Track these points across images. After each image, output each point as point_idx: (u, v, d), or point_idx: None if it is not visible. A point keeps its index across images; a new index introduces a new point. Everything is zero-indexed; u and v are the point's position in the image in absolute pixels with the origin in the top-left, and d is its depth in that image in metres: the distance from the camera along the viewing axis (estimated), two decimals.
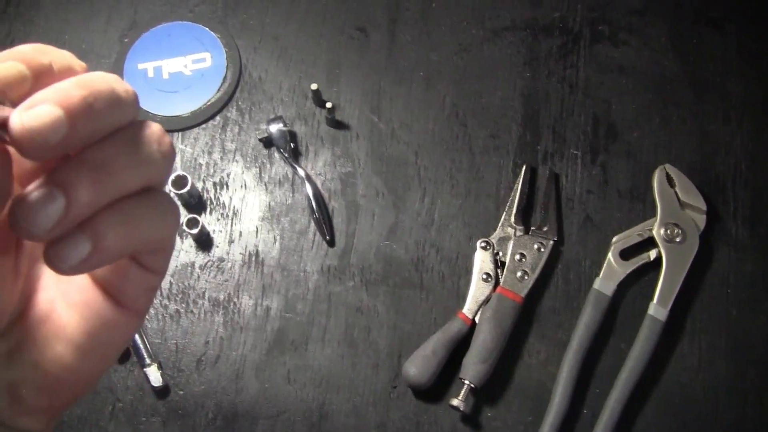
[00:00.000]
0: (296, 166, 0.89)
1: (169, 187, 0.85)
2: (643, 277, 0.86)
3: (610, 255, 0.85)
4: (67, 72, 0.37)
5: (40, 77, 0.35)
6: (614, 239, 0.86)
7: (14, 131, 0.32)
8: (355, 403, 0.83)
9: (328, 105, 0.88)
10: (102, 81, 0.35)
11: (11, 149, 0.34)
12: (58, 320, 0.42)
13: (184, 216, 0.87)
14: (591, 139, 0.91)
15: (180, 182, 0.86)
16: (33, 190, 0.33)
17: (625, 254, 0.86)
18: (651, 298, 0.83)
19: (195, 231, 0.85)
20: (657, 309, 0.82)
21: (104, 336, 0.42)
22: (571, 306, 0.85)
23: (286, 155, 0.89)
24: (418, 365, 0.81)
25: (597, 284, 0.84)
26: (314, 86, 0.89)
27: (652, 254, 0.85)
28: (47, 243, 0.35)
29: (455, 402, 0.80)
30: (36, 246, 0.42)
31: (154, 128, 0.38)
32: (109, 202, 0.36)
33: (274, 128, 0.89)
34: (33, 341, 0.41)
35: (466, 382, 0.80)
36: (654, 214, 0.87)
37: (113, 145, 0.36)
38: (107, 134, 0.36)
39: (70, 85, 0.34)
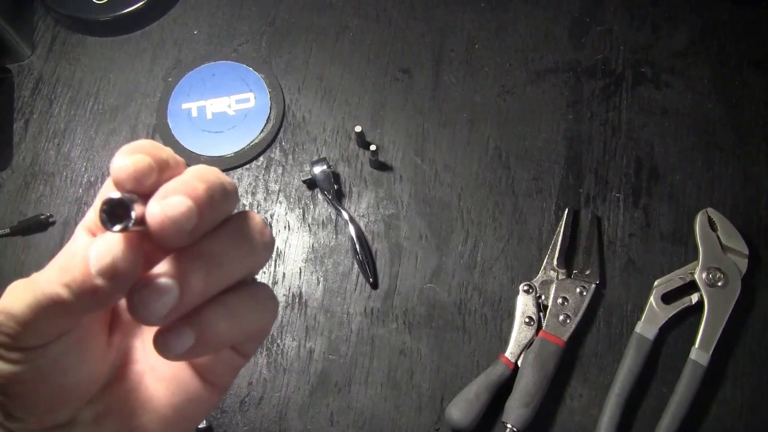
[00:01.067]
0: (340, 207, 0.89)
1: None
2: (684, 321, 0.86)
3: (651, 299, 0.85)
4: (178, 166, 0.39)
5: (162, 171, 0.37)
6: (656, 283, 0.86)
7: (154, 220, 0.34)
8: None
9: (372, 147, 0.88)
10: (213, 174, 0.37)
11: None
12: (146, 391, 0.43)
13: None
14: (633, 182, 0.91)
15: None
16: (152, 279, 0.35)
17: (667, 298, 0.85)
18: (693, 343, 0.83)
19: None
20: (699, 353, 0.82)
21: (188, 409, 0.44)
22: (612, 349, 0.85)
23: (330, 197, 0.90)
24: (461, 408, 0.81)
25: (639, 328, 0.84)
26: (358, 128, 0.90)
27: (694, 298, 0.85)
28: (157, 330, 0.37)
29: None
30: (130, 320, 0.42)
31: (257, 219, 0.40)
32: (216, 293, 0.38)
33: (318, 170, 0.90)
34: (120, 409, 0.43)
35: (509, 425, 0.80)
36: (696, 258, 0.86)
37: (224, 236, 0.38)
38: (218, 225, 0.38)
39: (192, 178, 0.36)
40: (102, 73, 0.99)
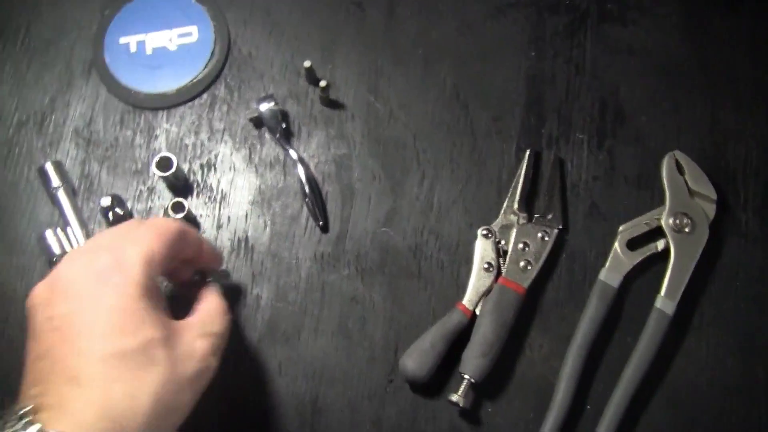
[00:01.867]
0: (288, 147, 0.84)
1: (153, 169, 0.81)
2: (650, 269, 0.82)
3: (616, 245, 0.81)
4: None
5: None
6: (621, 228, 0.82)
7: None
8: (349, 398, 0.79)
9: (322, 83, 0.83)
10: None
11: None
12: None
13: (169, 200, 0.83)
14: (598, 124, 0.87)
15: (165, 164, 0.81)
16: None
17: (632, 244, 0.82)
18: (659, 291, 0.79)
19: (181, 215, 0.80)
20: (665, 302, 0.79)
21: None
22: (575, 298, 0.81)
23: (278, 136, 0.84)
24: (416, 359, 0.77)
25: (603, 275, 0.80)
26: (307, 63, 0.84)
27: (660, 245, 0.81)
28: None
29: (454, 397, 0.76)
30: None
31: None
32: None
33: (265, 107, 0.84)
34: None
35: (466, 376, 0.76)
36: (662, 203, 0.83)
37: None
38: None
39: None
40: (32, 4, 0.92)
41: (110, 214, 0.82)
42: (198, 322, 0.63)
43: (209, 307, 0.66)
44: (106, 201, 0.81)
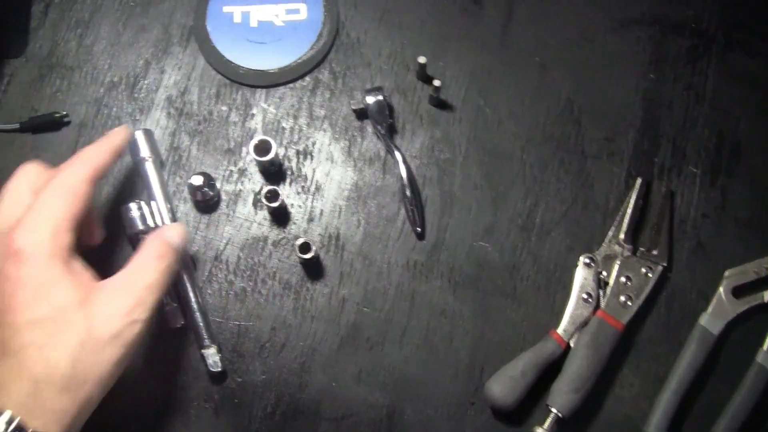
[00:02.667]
0: (392, 145, 0.80)
1: (250, 152, 0.77)
2: (754, 318, 0.79)
3: (721, 290, 0.78)
4: None
5: None
6: (727, 273, 0.79)
7: None
8: (427, 414, 0.76)
9: (437, 83, 0.79)
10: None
11: None
12: None
13: (260, 184, 0.79)
14: (713, 158, 0.83)
15: (263, 147, 0.77)
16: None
17: (738, 291, 0.78)
18: (761, 345, 0.76)
19: (275, 205, 0.76)
20: (766, 357, 0.75)
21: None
22: (671, 339, 0.78)
23: (383, 132, 0.80)
24: (505, 385, 0.74)
25: (703, 320, 0.77)
26: (422, 59, 0.80)
27: (767, 295, 0.78)
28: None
29: (539, 431, 0.73)
30: None
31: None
32: None
33: (372, 99, 0.80)
34: None
35: (554, 410, 0.73)
36: None
37: None
38: None
39: None
40: None
41: (198, 194, 0.78)
42: (121, 279, 0.63)
43: (138, 258, 0.65)
44: (197, 180, 0.77)
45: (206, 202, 0.79)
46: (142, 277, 0.64)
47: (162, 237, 0.68)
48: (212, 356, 0.75)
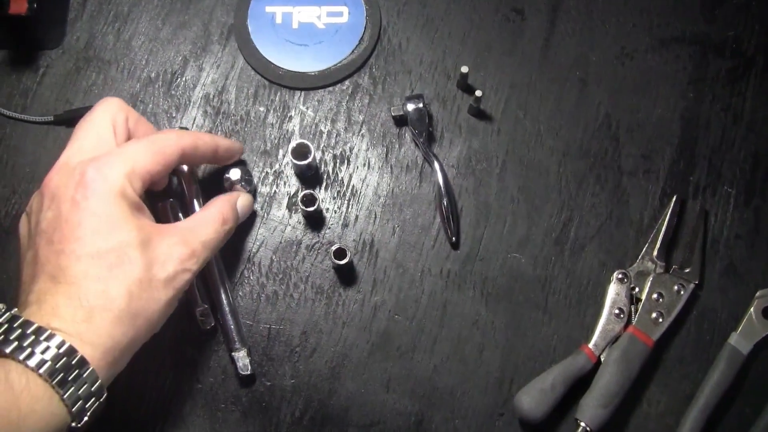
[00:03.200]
0: (431, 153, 0.80)
1: (288, 155, 0.77)
2: None
3: (752, 311, 0.78)
4: None
5: None
6: (758, 294, 0.79)
7: None
8: (456, 424, 0.76)
9: (478, 93, 0.79)
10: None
11: None
12: None
13: (296, 187, 0.79)
14: (748, 179, 0.83)
15: (302, 151, 0.77)
16: None
17: None
18: None
19: (311, 209, 0.76)
20: None
21: None
22: (700, 357, 0.78)
23: (421, 140, 0.80)
24: (534, 398, 0.74)
25: (733, 340, 0.77)
26: (465, 69, 0.80)
27: None
28: None
29: None
30: None
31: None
32: None
33: (412, 107, 0.80)
34: None
35: (582, 424, 0.73)
36: None
37: None
38: None
39: None
40: None
41: (236, 188, 0.78)
42: (184, 229, 0.66)
43: (204, 214, 0.69)
44: (235, 174, 0.77)
45: None
46: (202, 232, 0.67)
47: (232, 201, 0.72)
48: (242, 359, 0.75)
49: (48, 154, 0.81)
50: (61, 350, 0.54)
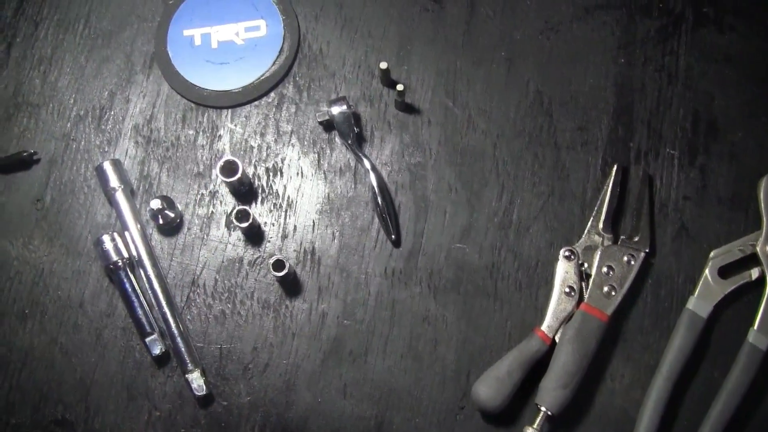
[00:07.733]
0: (360, 154, 0.79)
1: (217, 173, 0.76)
2: (742, 299, 0.77)
3: (707, 272, 0.76)
4: None
5: None
6: (712, 254, 0.77)
7: None
8: (416, 424, 0.75)
9: (399, 87, 0.78)
10: None
11: None
12: None
13: (232, 206, 0.79)
14: (690, 138, 0.81)
15: (230, 168, 0.76)
16: None
17: (724, 272, 0.76)
18: (751, 324, 0.74)
19: (245, 225, 0.76)
20: (757, 336, 0.74)
21: None
22: (660, 326, 0.76)
23: (349, 141, 0.80)
24: (491, 387, 0.73)
25: (691, 304, 0.75)
26: (384, 64, 0.79)
27: (754, 273, 0.76)
28: None
29: (530, 430, 0.71)
30: None
31: None
32: None
33: (337, 110, 0.80)
34: None
35: (543, 408, 0.72)
36: (758, 228, 0.77)
37: None
38: None
39: None
40: None
41: (159, 218, 0.78)
42: None
43: None
44: (156, 204, 0.77)
45: (169, 224, 0.79)
46: None
47: None
48: (196, 380, 0.75)
49: None
50: None
